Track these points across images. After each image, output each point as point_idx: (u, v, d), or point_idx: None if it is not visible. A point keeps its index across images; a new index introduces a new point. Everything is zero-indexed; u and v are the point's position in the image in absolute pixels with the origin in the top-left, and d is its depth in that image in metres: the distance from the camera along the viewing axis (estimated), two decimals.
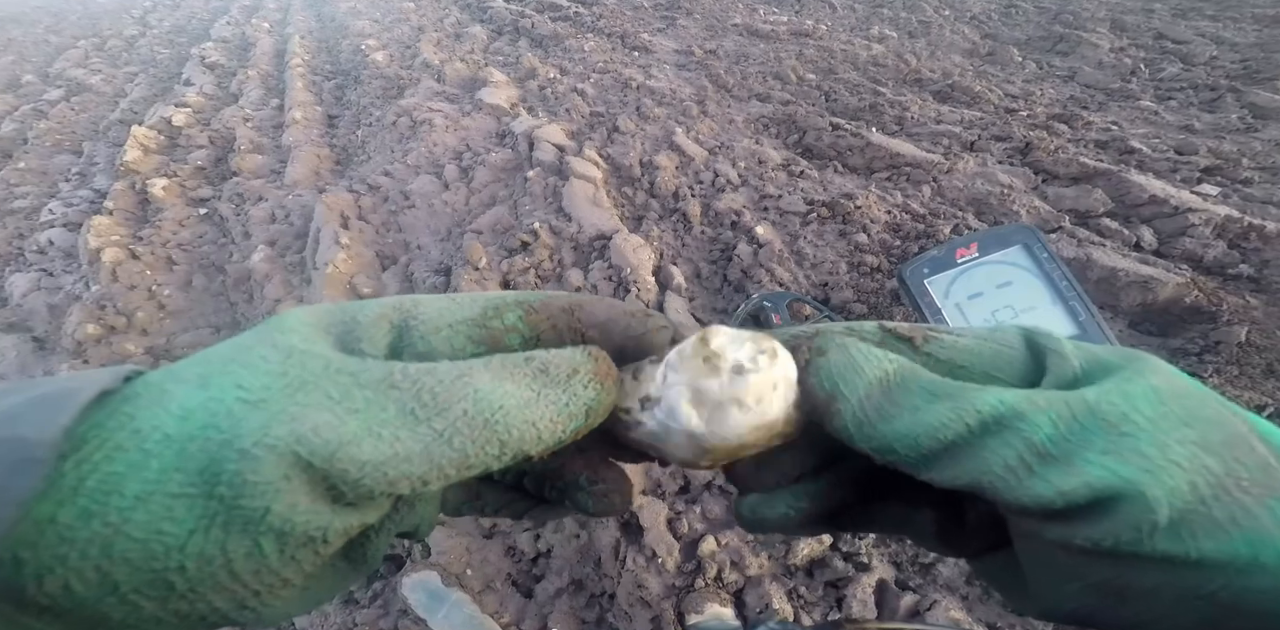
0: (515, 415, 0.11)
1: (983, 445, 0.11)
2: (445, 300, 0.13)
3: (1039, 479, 0.11)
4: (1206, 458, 0.11)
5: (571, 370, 0.12)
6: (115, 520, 0.09)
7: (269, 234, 1.35)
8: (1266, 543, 0.10)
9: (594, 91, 1.64)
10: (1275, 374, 0.84)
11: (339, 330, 0.12)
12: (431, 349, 0.13)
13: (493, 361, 0.12)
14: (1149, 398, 0.11)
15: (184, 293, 1.30)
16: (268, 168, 1.62)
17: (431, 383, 0.11)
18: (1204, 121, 1.40)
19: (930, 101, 1.47)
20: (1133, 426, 0.11)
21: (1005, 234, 0.63)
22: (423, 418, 0.11)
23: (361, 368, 0.11)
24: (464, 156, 1.45)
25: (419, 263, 1.18)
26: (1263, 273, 0.97)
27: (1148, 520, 0.10)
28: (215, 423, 0.10)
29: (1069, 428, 0.11)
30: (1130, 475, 0.10)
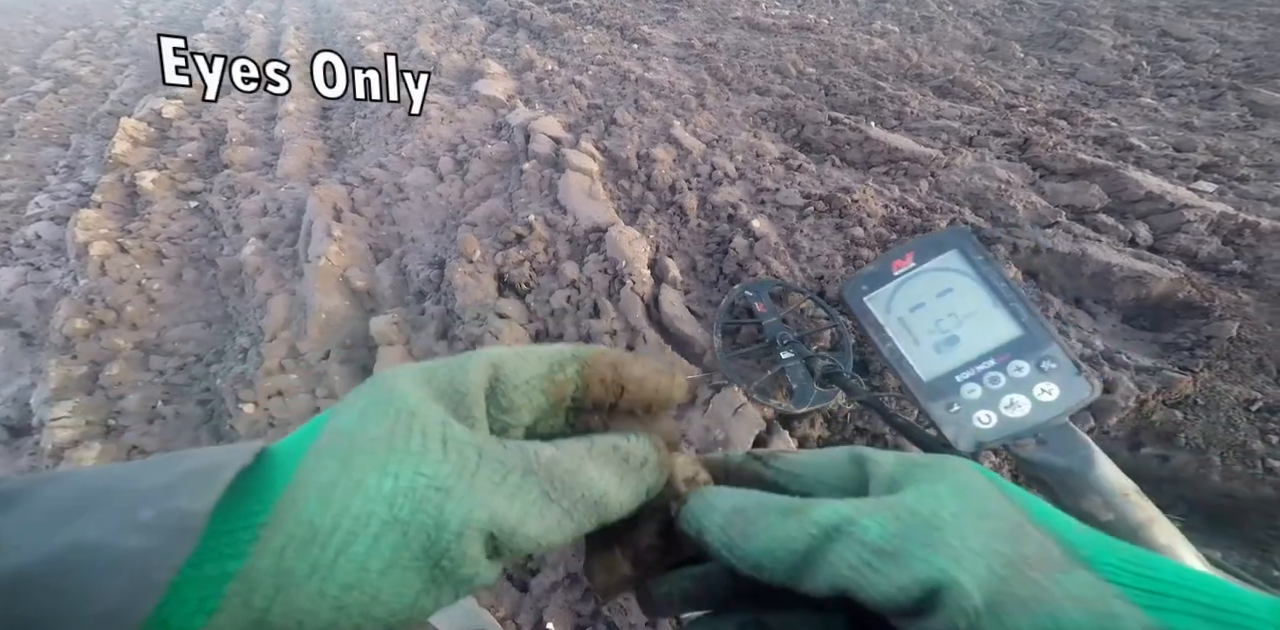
0: (612, 497, 0.15)
1: (830, 550, 0.13)
2: (519, 359, 0.16)
3: (881, 576, 0.13)
4: (997, 543, 0.13)
5: (643, 459, 0.16)
6: (370, 590, 0.12)
7: (260, 227, 1.33)
8: (1064, 616, 0.11)
9: (592, 84, 1.63)
10: (1265, 368, 0.85)
11: (449, 400, 0.14)
12: (513, 403, 0.15)
13: (594, 449, 0.15)
14: (953, 495, 0.14)
15: (174, 286, 1.29)
16: (260, 160, 1.60)
17: (560, 472, 0.14)
18: (1204, 119, 1.39)
19: (930, 97, 1.46)
20: (941, 521, 0.13)
21: (939, 240, 0.62)
22: (555, 499, 0.14)
23: (504, 455, 0.13)
24: (459, 149, 1.43)
25: (413, 255, 1.17)
26: (1256, 269, 0.97)
27: (969, 606, 0.12)
28: (422, 508, 0.12)
29: (895, 527, 0.13)
30: (943, 565, 0.12)
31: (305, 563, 0.11)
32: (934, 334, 0.58)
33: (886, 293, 0.59)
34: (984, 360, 0.55)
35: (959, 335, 0.57)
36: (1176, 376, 0.81)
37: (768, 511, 0.15)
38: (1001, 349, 0.56)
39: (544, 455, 0.14)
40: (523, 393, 0.15)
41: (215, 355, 1.13)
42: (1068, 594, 0.11)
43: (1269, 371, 0.84)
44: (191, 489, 0.11)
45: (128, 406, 1.01)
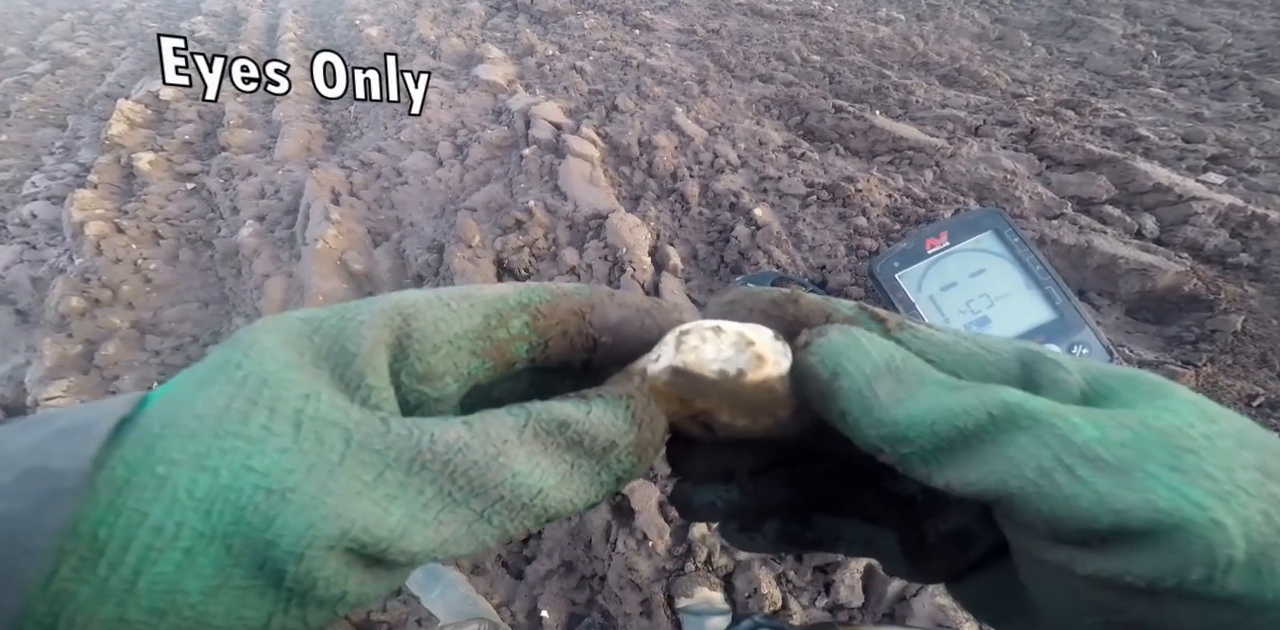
0: (553, 496, 0.11)
1: (1011, 441, 0.10)
2: (441, 307, 0.11)
3: (1085, 487, 0.09)
4: (1272, 484, 0.09)
5: (609, 443, 0.11)
6: (191, 614, 0.09)
7: (258, 209, 1.32)
8: None
9: (593, 69, 1.60)
10: (1269, 363, 0.84)
11: (332, 363, 0.11)
12: (431, 370, 0.11)
13: (526, 431, 0.11)
14: (1199, 414, 0.10)
15: (171, 267, 1.28)
16: (258, 143, 1.59)
17: (464, 464, 0.10)
18: (1214, 110, 1.37)
19: (936, 85, 1.44)
20: (1193, 442, 0.09)
21: (974, 220, 0.61)
22: (460, 500, 0.10)
23: (386, 443, 0.10)
24: (459, 133, 1.42)
25: (411, 240, 1.16)
26: (1263, 262, 0.96)
27: (1224, 554, 0.09)
28: (246, 519, 0.09)
29: (1122, 435, 0.09)
30: (1202, 500, 0.09)
31: (89, 586, 0.08)
32: (965, 314, 0.57)
33: (919, 270, 0.59)
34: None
35: (990, 316, 0.56)
36: (1179, 371, 0.81)
37: (927, 380, 0.11)
38: (1034, 331, 0.56)
39: (445, 441, 0.10)
40: (445, 355, 0.11)
41: (212, 336, 1.12)
42: None
43: (1272, 366, 0.84)
44: (63, 448, 0.09)
45: (123, 386, 1.01)
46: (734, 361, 0.12)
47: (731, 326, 0.12)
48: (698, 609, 0.67)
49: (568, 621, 0.74)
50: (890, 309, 0.63)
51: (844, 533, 0.14)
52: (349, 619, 0.75)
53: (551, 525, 0.77)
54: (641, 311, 0.13)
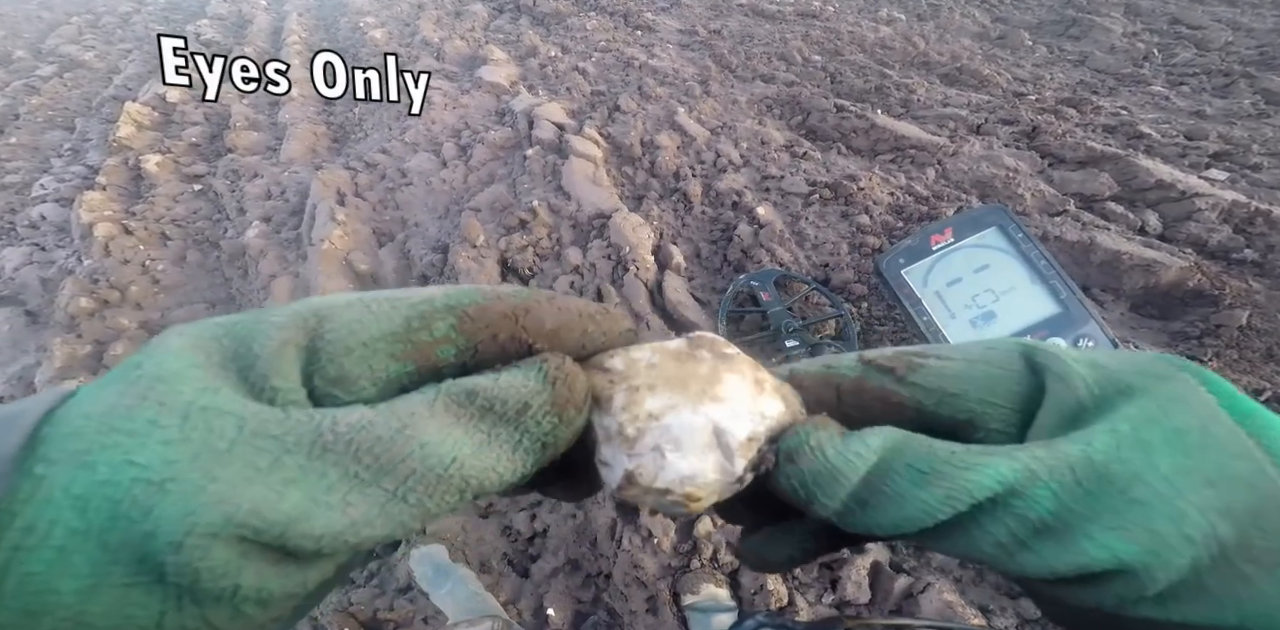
0: (470, 464, 0.10)
1: (975, 523, 0.11)
2: (359, 309, 0.11)
3: (1032, 554, 0.10)
4: (1222, 525, 0.10)
5: (521, 405, 0.11)
6: (67, 615, 0.08)
7: (264, 210, 1.33)
8: (1261, 614, 0.09)
9: (595, 70, 1.61)
10: (1274, 358, 0.84)
11: (238, 365, 0.10)
12: (345, 373, 0.11)
13: (436, 404, 0.10)
14: (1172, 446, 0.10)
15: (178, 268, 1.29)
16: (263, 145, 1.60)
17: (369, 441, 0.09)
18: (1215, 107, 1.37)
19: (937, 84, 1.44)
20: (1146, 491, 0.10)
21: (979, 216, 0.61)
22: (370, 480, 0.09)
23: (284, 428, 0.09)
24: (463, 134, 1.43)
25: (416, 240, 1.17)
26: (1267, 257, 0.96)
27: (1136, 594, 0.10)
28: (123, 512, 0.08)
29: (1072, 497, 0.10)
30: (1131, 556, 0.10)
31: None
32: (970, 309, 0.57)
33: (925, 266, 0.59)
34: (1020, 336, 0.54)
35: (996, 311, 0.57)
36: None
37: (905, 472, 0.11)
38: (1039, 325, 0.56)
39: (349, 421, 0.10)
40: (359, 358, 0.11)
41: None
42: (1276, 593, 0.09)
43: (1278, 361, 0.84)
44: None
45: None
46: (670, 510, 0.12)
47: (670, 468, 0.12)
48: (703, 606, 0.67)
49: (574, 619, 0.74)
50: (896, 304, 0.64)
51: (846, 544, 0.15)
52: (356, 617, 0.75)
53: (557, 523, 0.77)
54: (584, 317, 0.12)
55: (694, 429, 0.12)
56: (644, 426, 0.12)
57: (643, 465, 0.12)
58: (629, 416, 0.12)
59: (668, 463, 0.11)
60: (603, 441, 0.12)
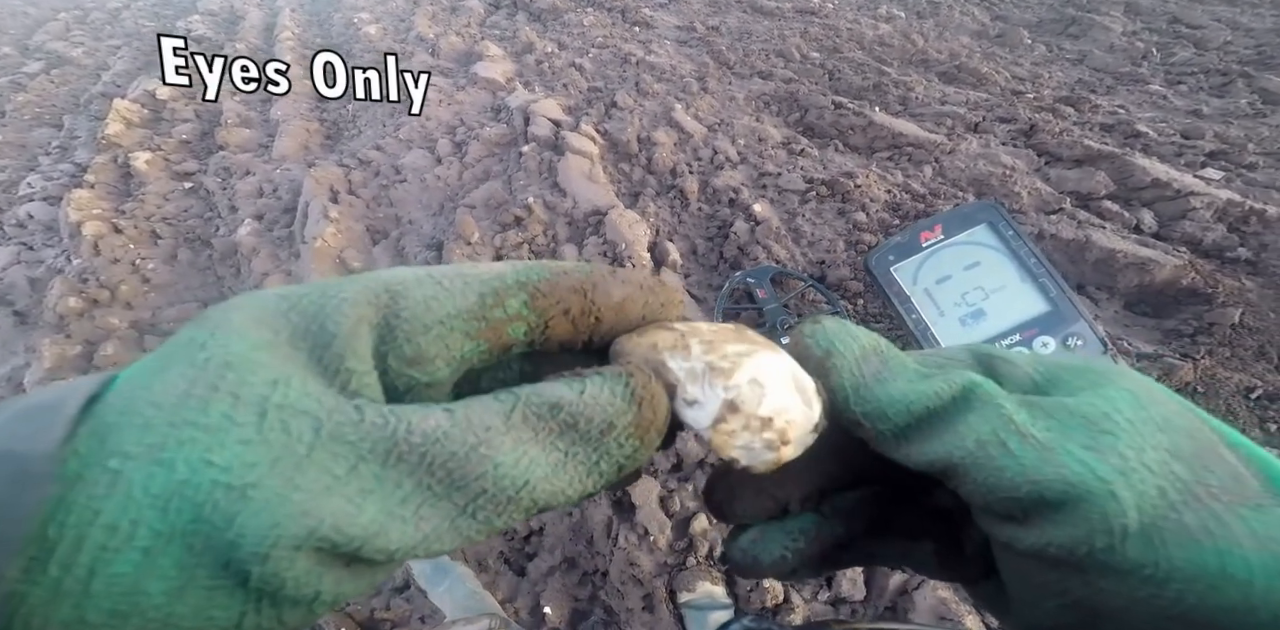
0: (541, 487, 0.10)
1: (962, 419, 0.11)
2: (432, 285, 0.11)
3: (1013, 460, 0.10)
4: (1176, 464, 0.10)
5: (607, 424, 0.10)
6: (156, 616, 0.08)
7: (256, 208, 1.32)
8: (1235, 554, 0.09)
9: (592, 66, 1.60)
10: (1266, 356, 0.84)
11: (310, 343, 0.10)
12: (421, 353, 0.10)
13: (514, 416, 0.10)
14: (1128, 400, 0.11)
15: (169, 267, 1.27)
16: (255, 142, 1.58)
17: (443, 455, 0.09)
18: (1212, 106, 1.37)
19: (936, 82, 1.44)
20: (1113, 425, 0.10)
21: (969, 213, 0.61)
22: (442, 493, 0.09)
23: (360, 433, 0.09)
24: (458, 131, 1.41)
25: (410, 237, 1.16)
26: (1260, 256, 0.97)
27: (1119, 523, 0.10)
28: (206, 517, 0.08)
29: (1048, 420, 0.11)
30: (1106, 474, 0.10)
31: (40, 588, 0.08)
32: (960, 307, 0.57)
33: (914, 263, 0.59)
34: (1010, 335, 0.54)
35: (985, 309, 0.57)
36: (1177, 363, 0.81)
37: (907, 366, 0.12)
38: (1028, 324, 0.56)
39: (423, 430, 0.09)
40: (436, 337, 0.10)
41: None
42: (1249, 531, 0.09)
43: (1270, 359, 0.84)
44: (26, 429, 0.08)
45: None
46: (758, 455, 0.12)
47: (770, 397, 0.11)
48: (700, 603, 0.68)
49: (571, 617, 0.74)
50: (885, 302, 0.64)
51: (880, 550, 0.15)
52: (352, 617, 0.75)
53: (553, 521, 0.77)
54: (645, 289, 0.13)
55: (780, 368, 0.12)
56: (737, 361, 0.12)
57: (742, 393, 0.11)
58: (717, 355, 0.12)
59: (767, 391, 0.11)
60: (687, 381, 0.12)
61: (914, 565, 0.15)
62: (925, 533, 0.14)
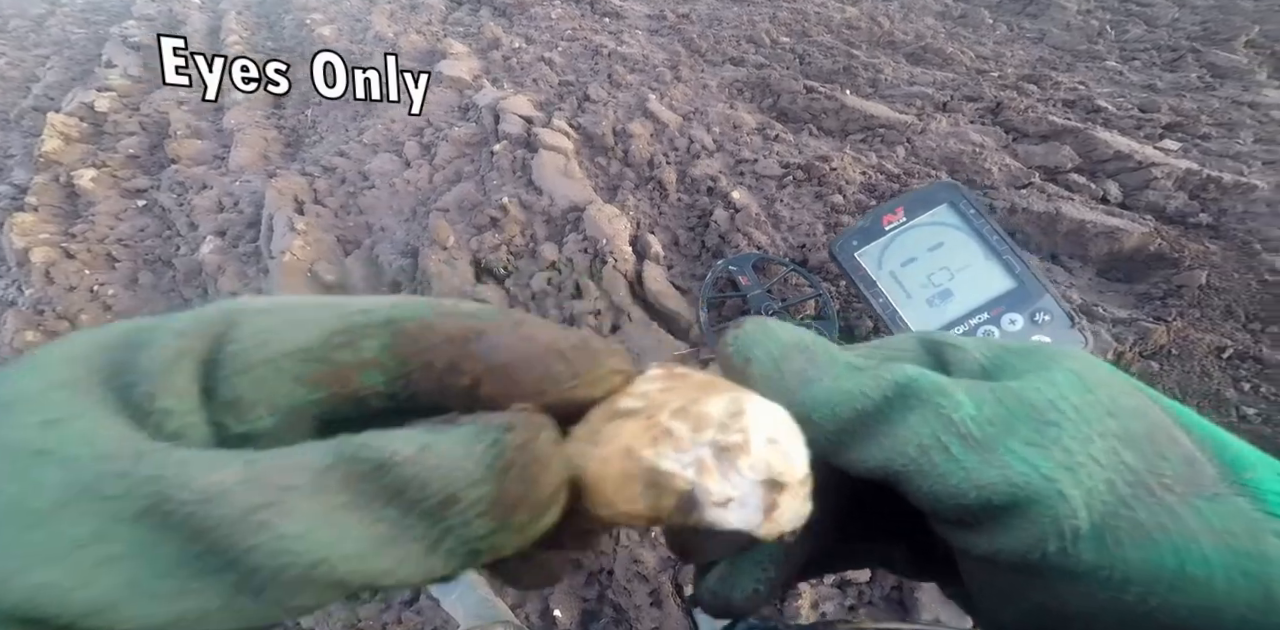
0: (349, 567, 0.08)
1: (901, 420, 0.10)
2: (279, 315, 0.09)
3: (956, 465, 0.10)
4: (1126, 452, 0.09)
5: (445, 497, 0.08)
6: None
7: (217, 223, 1.26)
8: (1193, 551, 0.09)
9: (562, 60, 1.56)
10: (1233, 315, 0.88)
11: (121, 381, 0.08)
12: (238, 397, 0.08)
13: (327, 474, 0.08)
14: (1074, 384, 0.10)
15: (130, 291, 1.21)
16: (210, 153, 1.50)
17: (210, 520, 0.07)
18: (1166, 81, 1.42)
19: (903, 63, 1.45)
20: (1059, 415, 0.10)
21: (929, 194, 0.61)
22: (213, 566, 0.07)
23: (123, 487, 0.07)
24: (425, 132, 1.37)
25: (384, 245, 1.12)
26: (1220, 221, 1.01)
27: (1069, 525, 0.09)
28: None
29: (994, 411, 0.10)
30: (1051, 472, 0.09)
31: None
32: (926, 288, 0.57)
33: (878, 247, 0.59)
34: (977, 314, 0.55)
35: (952, 289, 0.57)
36: (1151, 326, 0.84)
37: (836, 360, 0.11)
38: (995, 302, 0.56)
39: (202, 486, 0.07)
40: (256, 379, 0.09)
41: None
42: (1206, 525, 0.09)
43: (1237, 317, 0.88)
44: None
45: None
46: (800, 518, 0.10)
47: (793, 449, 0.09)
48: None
49: (581, 618, 0.73)
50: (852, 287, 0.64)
51: (856, 554, 0.14)
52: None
53: None
54: (551, 353, 0.09)
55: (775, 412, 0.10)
56: (737, 424, 0.09)
57: (773, 465, 0.09)
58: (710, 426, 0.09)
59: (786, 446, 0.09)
60: (704, 480, 0.09)
61: (888, 567, 0.14)
62: (896, 535, 0.13)
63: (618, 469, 0.09)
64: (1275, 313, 0.88)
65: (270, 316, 0.09)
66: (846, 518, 0.13)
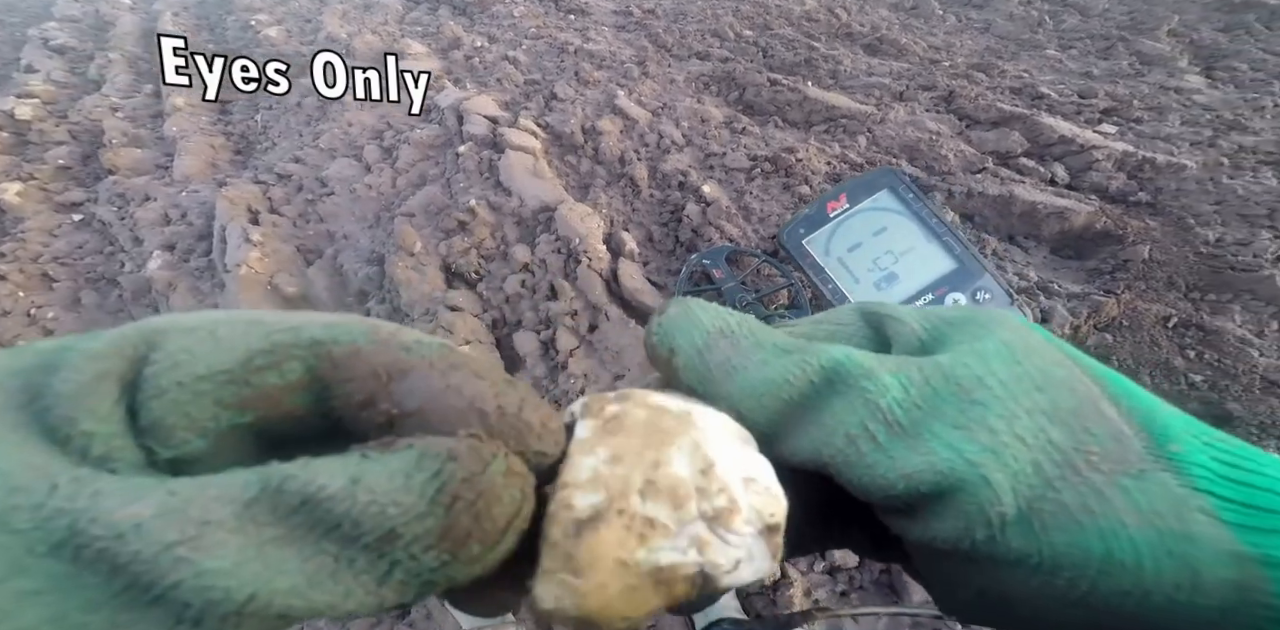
0: (287, 601, 0.07)
1: (828, 408, 0.10)
2: (202, 334, 0.08)
3: (883, 455, 0.09)
4: (1054, 429, 0.09)
5: (385, 532, 0.07)
6: None
7: (164, 237, 1.18)
8: (1120, 535, 0.09)
9: (527, 58, 1.54)
10: (1175, 285, 0.95)
11: (38, 406, 0.08)
12: (157, 421, 0.08)
13: (253, 509, 0.07)
14: (1003, 356, 0.10)
15: (73, 313, 1.12)
16: (151, 162, 1.41)
17: (125, 555, 0.07)
18: (1100, 68, 1.50)
19: (861, 55, 1.49)
20: (986, 393, 0.10)
21: (870, 180, 0.64)
22: (142, 601, 0.07)
23: (34, 520, 0.07)
24: (385, 135, 1.32)
25: (347, 254, 1.08)
26: (1158, 198, 1.07)
27: (995, 512, 0.09)
28: None
29: (920, 392, 0.10)
30: (975, 456, 0.09)
31: None
32: (873, 272, 0.59)
33: (824, 234, 0.60)
34: (923, 295, 0.57)
35: (897, 272, 0.59)
36: (1102, 299, 0.89)
37: (762, 344, 0.11)
38: (939, 282, 0.59)
39: (117, 519, 0.07)
40: (174, 402, 0.08)
41: None
42: (1132, 505, 0.09)
43: (1179, 288, 0.94)
44: None
45: None
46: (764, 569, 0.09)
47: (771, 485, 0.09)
48: None
49: None
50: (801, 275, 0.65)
51: (823, 538, 0.14)
52: None
53: None
54: (473, 411, 0.08)
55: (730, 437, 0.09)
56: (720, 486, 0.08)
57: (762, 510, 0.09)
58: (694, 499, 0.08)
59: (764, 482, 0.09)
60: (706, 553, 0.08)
61: (853, 548, 0.14)
62: (855, 518, 0.13)
63: (619, 587, 0.08)
64: (1211, 281, 0.95)
65: (191, 336, 0.08)
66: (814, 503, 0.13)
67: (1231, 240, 0.98)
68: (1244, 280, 0.93)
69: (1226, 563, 0.08)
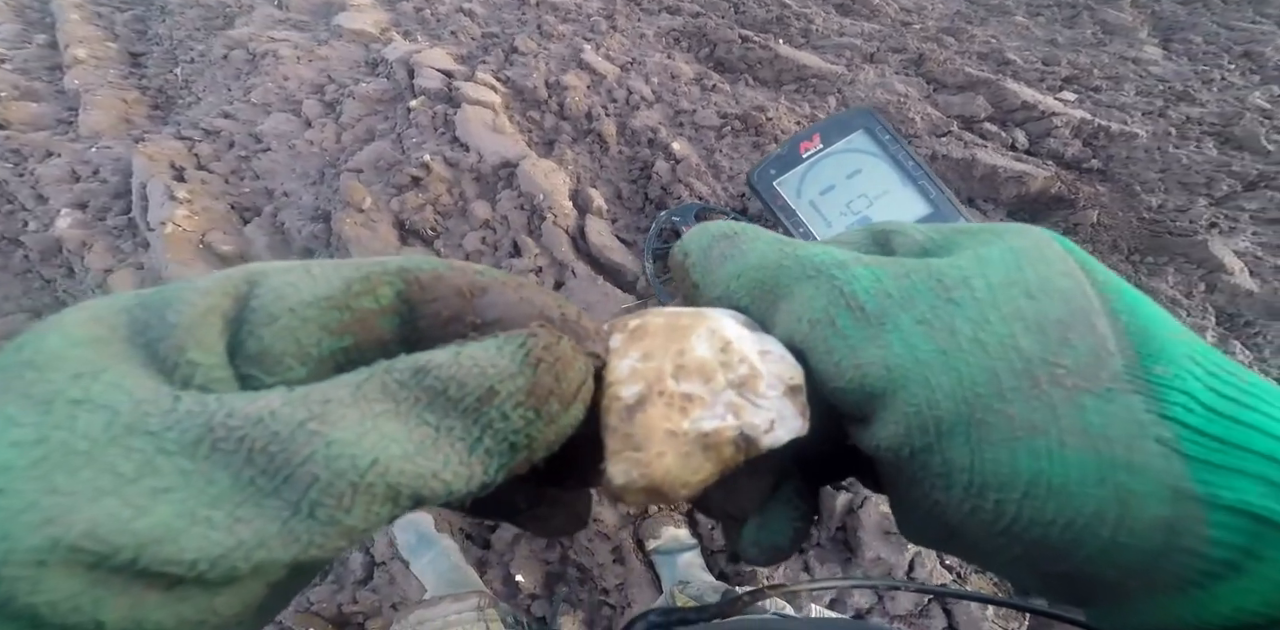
0: (401, 468, 0.08)
1: (801, 291, 0.10)
2: (299, 272, 0.09)
3: (841, 341, 0.09)
4: (1025, 338, 0.08)
5: (485, 391, 0.08)
6: None
7: (73, 196, 1.06)
8: (1054, 455, 0.08)
9: (484, 11, 1.43)
10: (1119, 248, 0.99)
11: (147, 337, 0.08)
12: (266, 347, 0.09)
13: (367, 385, 0.08)
14: (1006, 261, 0.09)
15: None
16: (50, 117, 1.25)
17: (263, 438, 0.08)
18: (1065, 36, 1.53)
19: (833, 14, 1.46)
20: (965, 292, 0.09)
21: (845, 120, 0.61)
22: (267, 489, 0.08)
23: (166, 422, 0.08)
24: (326, 90, 1.21)
25: (289, 211, 0.99)
26: (1109, 166, 1.12)
27: (931, 416, 0.08)
28: None
29: (896, 284, 0.09)
30: (925, 355, 0.09)
31: None
32: (846, 216, 0.58)
33: (796, 176, 0.58)
34: None
35: (870, 216, 0.58)
36: None
37: (758, 239, 0.11)
38: None
39: (247, 412, 0.08)
40: (283, 328, 0.09)
41: None
42: (1081, 424, 0.08)
43: (1122, 251, 0.99)
44: None
45: None
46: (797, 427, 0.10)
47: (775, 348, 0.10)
48: (667, 548, 0.69)
49: (545, 580, 0.72)
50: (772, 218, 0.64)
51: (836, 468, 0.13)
52: (321, 616, 0.69)
53: None
54: (544, 317, 0.10)
55: (736, 322, 0.10)
56: (739, 357, 0.10)
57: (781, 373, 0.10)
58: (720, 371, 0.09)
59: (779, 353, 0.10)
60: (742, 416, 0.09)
61: (860, 479, 0.13)
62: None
63: (675, 454, 0.09)
64: (1150, 245, 1.00)
65: (290, 273, 0.09)
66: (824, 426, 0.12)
67: (1172, 206, 1.04)
68: (1179, 244, 0.99)
69: (1163, 497, 0.07)
